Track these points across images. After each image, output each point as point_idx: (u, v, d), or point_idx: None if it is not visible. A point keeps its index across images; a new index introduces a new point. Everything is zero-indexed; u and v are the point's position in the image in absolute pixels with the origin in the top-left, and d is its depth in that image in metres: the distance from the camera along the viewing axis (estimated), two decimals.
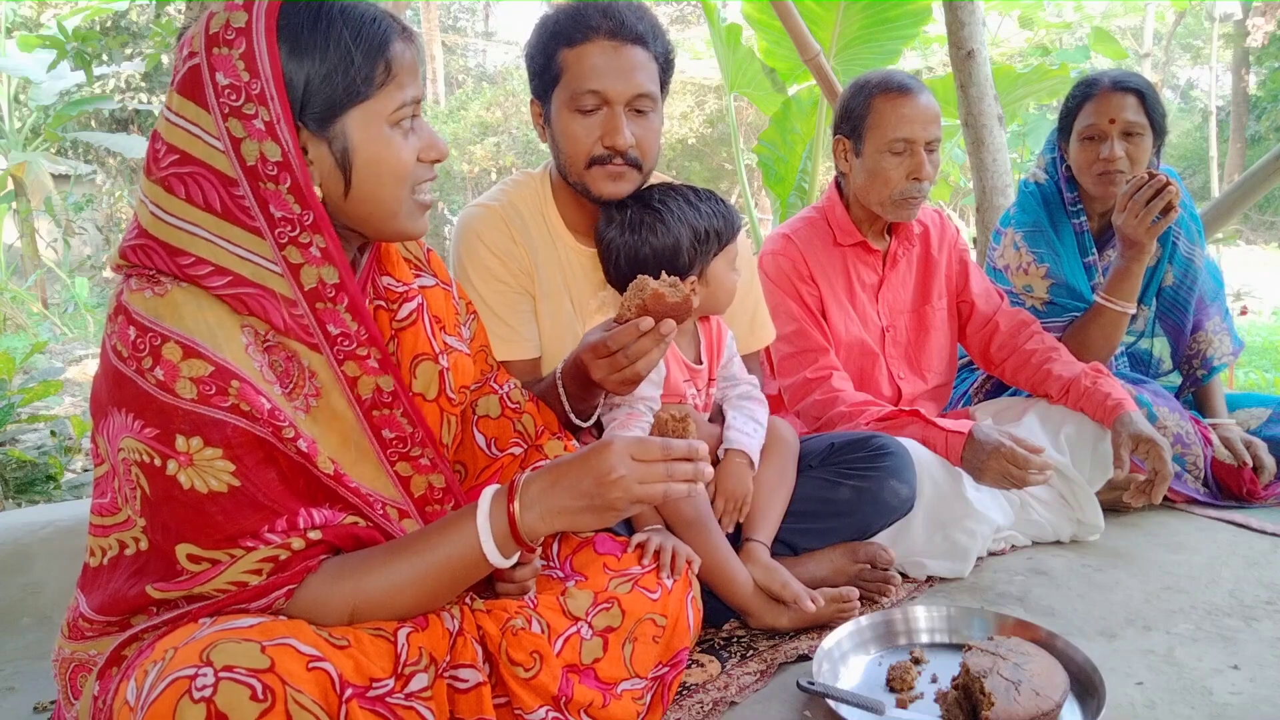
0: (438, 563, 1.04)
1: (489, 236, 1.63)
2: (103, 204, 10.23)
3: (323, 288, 1.03)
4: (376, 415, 1.10)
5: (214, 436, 0.95)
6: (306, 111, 1.00)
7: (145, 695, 0.85)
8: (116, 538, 1.01)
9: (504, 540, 1.04)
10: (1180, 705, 1.32)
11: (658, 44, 1.56)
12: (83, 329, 7.19)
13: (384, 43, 1.02)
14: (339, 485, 1.04)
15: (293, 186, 0.99)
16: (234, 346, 0.98)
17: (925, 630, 1.50)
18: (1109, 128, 2.10)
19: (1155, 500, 1.85)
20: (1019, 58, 9.83)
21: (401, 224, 1.09)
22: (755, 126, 11.41)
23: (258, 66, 0.97)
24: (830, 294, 2.05)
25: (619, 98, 1.50)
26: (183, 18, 2.09)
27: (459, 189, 14.14)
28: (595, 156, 1.53)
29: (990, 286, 2.23)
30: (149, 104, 10.37)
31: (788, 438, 1.71)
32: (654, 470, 1.05)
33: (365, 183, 1.04)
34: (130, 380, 0.95)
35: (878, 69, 2.41)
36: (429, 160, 1.09)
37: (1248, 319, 6.10)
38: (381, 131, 1.03)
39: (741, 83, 4.97)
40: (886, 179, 1.96)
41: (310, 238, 1.01)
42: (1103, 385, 1.96)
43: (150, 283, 0.98)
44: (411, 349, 1.19)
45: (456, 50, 19.10)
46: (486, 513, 1.04)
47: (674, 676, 1.29)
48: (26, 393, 3.04)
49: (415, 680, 1.01)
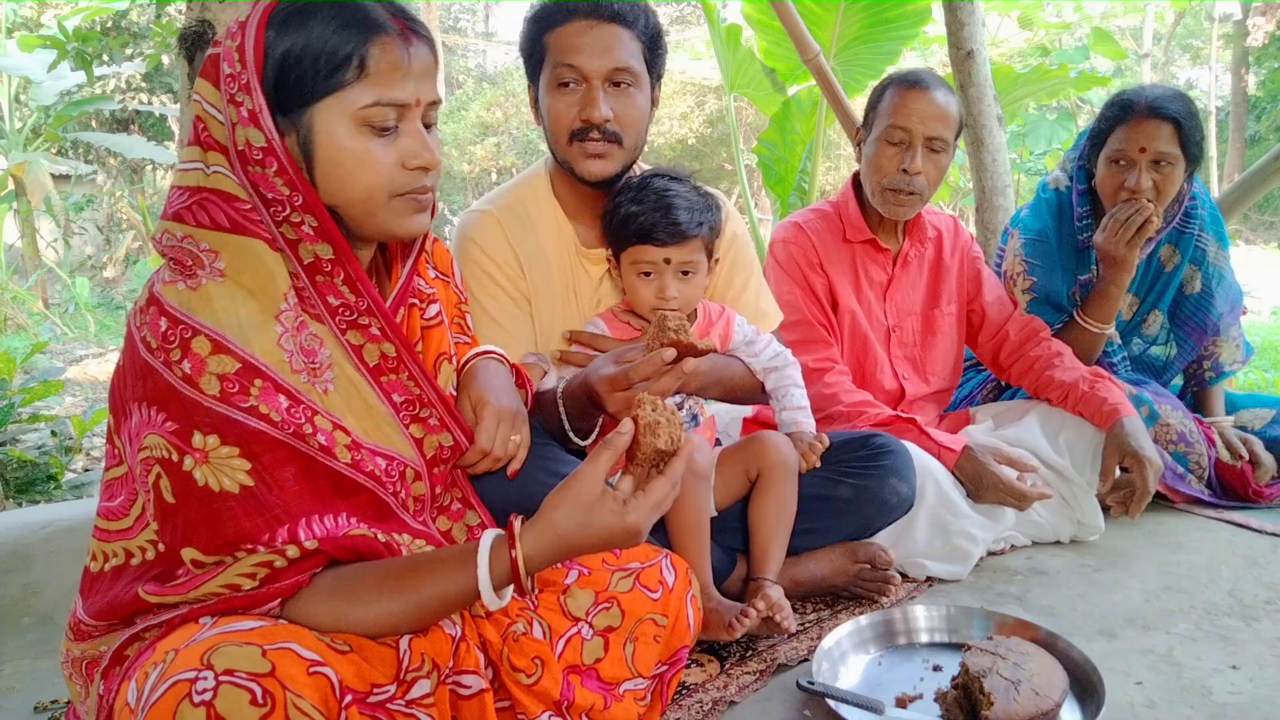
0: (432, 598, 1.01)
1: (483, 241, 1.64)
2: (103, 204, 10.23)
3: (319, 262, 1.04)
4: (384, 381, 1.11)
5: (231, 435, 0.96)
6: (281, 101, 1.00)
7: (146, 697, 0.85)
8: (122, 545, 1.01)
9: (502, 581, 1.02)
10: (1180, 705, 1.32)
11: (639, 23, 1.57)
12: (83, 329, 7.19)
13: (360, 39, 0.99)
14: (356, 473, 1.04)
15: (279, 170, 1.00)
16: (265, 340, 0.99)
17: (925, 630, 1.50)
18: (1139, 156, 2.01)
19: (1132, 516, 1.84)
20: (1018, 58, 9.83)
21: (382, 224, 1.07)
22: (755, 127, 11.41)
23: (246, 58, 1.00)
24: (839, 286, 2.05)
25: (596, 73, 1.53)
26: (183, 18, 2.10)
27: (459, 189, 14.14)
28: (574, 131, 1.56)
29: (1004, 295, 2.21)
30: (149, 104, 10.37)
31: (786, 459, 1.62)
32: (662, 493, 1.04)
33: (328, 179, 1.03)
34: (156, 372, 0.96)
35: (913, 69, 2.41)
36: (411, 168, 1.05)
37: (1248, 319, 6.11)
38: (345, 129, 1.01)
39: (741, 83, 4.97)
40: (879, 166, 1.97)
41: (302, 217, 1.02)
42: (1100, 390, 1.96)
43: (184, 275, 0.99)
44: (436, 347, 1.21)
45: (457, 51, 19.10)
46: (487, 553, 1.01)
47: (673, 675, 1.29)
48: (27, 393, 3.04)
49: (417, 687, 1.01)
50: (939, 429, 2.17)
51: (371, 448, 1.07)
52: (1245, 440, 2.17)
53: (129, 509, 1.01)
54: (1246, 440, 2.17)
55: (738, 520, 1.63)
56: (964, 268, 2.18)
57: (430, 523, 1.18)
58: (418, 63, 1.03)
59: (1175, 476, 2.11)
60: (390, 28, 1.01)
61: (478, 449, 1.20)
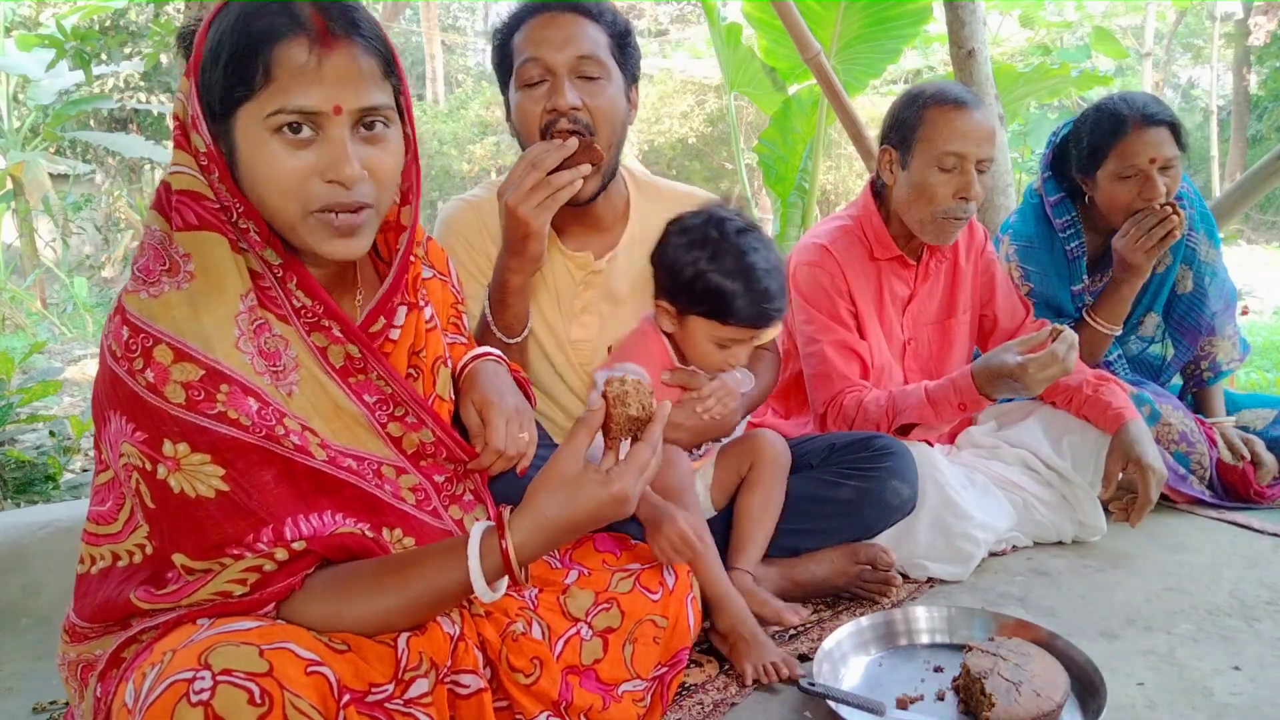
0: (425, 593, 1.01)
1: (460, 227, 1.65)
2: (101, 204, 10.21)
3: (273, 266, 1.03)
4: (353, 382, 1.09)
5: (201, 442, 0.95)
6: (212, 106, 0.98)
7: (143, 698, 0.84)
8: (110, 549, 1.01)
9: (495, 573, 1.01)
10: (1181, 706, 1.32)
11: (605, 17, 1.55)
12: (81, 329, 7.18)
13: (262, 42, 0.94)
14: (334, 469, 1.03)
15: (220, 177, 0.99)
16: (226, 344, 0.98)
17: (926, 631, 1.50)
18: (1150, 167, 1.98)
19: (1133, 524, 1.83)
20: (1020, 57, 9.83)
21: (304, 239, 1.01)
22: (755, 126, 11.40)
23: (191, 63, 0.99)
24: (864, 310, 1.97)
25: (561, 64, 1.50)
26: (181, 17, 2.09)
27: (458, 188, 14.14)
28: (544, 126, 1.52)
29: (1016, 302, 2.15)
30: (148, 103, 10.36)
31: (778, 456, 1.64)
32: (644, 458, 1.04)
33: (248, 187, 1.00)
34: (122, 381, 0.95)
35: (933, 80, 2.32)
36: (329, 180, 0.97)
37: (1249, 319, 6.10)
38: (259, 136, 0.96)
39: (742, 82, 4.97)
40: (932, 195, 1.85)
41: (247, 224, 1.01)
42: (1104, 394, 1.94)
43: (146, 284, 0.98)
44: (434, 352, 1.19)
45: (456, 49, 19.08)
46: (477, 545, 1.00)
47: (673, 676, 1.29)
48: (25, 392, 3.03)
49: (415, 686, 1.00)
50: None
51: (339, 449, 1.06)
52: (1247, 440, 2.16)
53: (117, 514, 1.01)
54: (1248, 440, 2.16)
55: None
56: (979, 272, 2.12)
57: (443, 511, 1.16)
58: (335, 67, 0.95)
59: (1177, 478, 2.10)
60: (305, 28, 0.95)
61: (491, 450, 1.17)
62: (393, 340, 1.14)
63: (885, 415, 1.86)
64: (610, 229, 1.71)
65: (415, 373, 1.17)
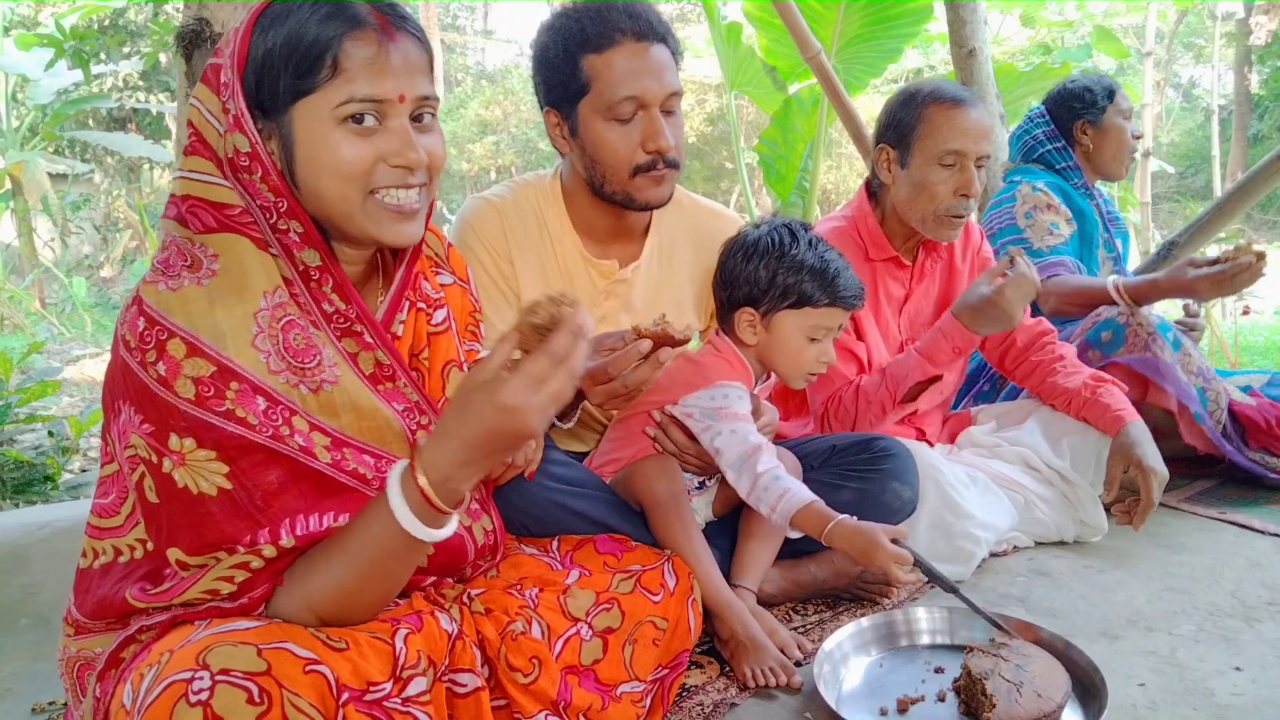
0: (367, 549, 0.98)
1: (481, 228, 1.63)
2: (100, 203, 10.22)
3: (309, 269, 1.03)
4: (382, 389, 1.09)
5: (207, 438, 0.95)
6: (263, 103, 1.00)
7: (142, 699, 0.84)
8: (111, 543, 1.01)
9: (422, 508, 0.96)
10: (1182, 706, 1.32)
11: (673, 40, 1.54)
12: (80, 329, 7.18)
13: (334, 36, 0.97)
14: (338, 472, 1.02)
15: (264, 176, 0.99)
16: (240, 341, 0.98)
17: (926, 631, 1.50)
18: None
19: (1137, 527, 1.81)
20: (1021, 56, 9.83)
21: (361, 226, 1.03)
22: (756, 125, 11.41)
23: (233, 63, 1.00)
24: (862, 312, 1.94)
25: (655, 100, 1.47)
26: (180, 16, 2.09)
27: (458, 188, 14.13)
28: (639, 165, 1.49)
29: None
30: (147, 102, 10.37)
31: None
32: (539, 366, 0.93)
33: (307, 178, 1.01)
34: (134, 373, 0.95)
35: (928, 79, 2.31)
36: (394, 165, 1.01)
37: (1249, 319, 6.09)
38: (323, 127, 0.99)
39: (742, 81, 4.96)
40: (933, 193, 1.86)
41: (288, 224, 1.01)
42: (1103, 396, 1.93)
43: (167, 276, 0.99)
44: (444, 355, 1.18)
45: (455, 48, 19.08)
46: (397, 484, 0.96)
47: (674, 678, 1.29)
48: (24, 393, 3.03)
49: (413, 684, 1.00)
50: (942, 431, 2.17)
51: (360, 445, 1.05)
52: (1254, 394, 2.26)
53: (120, 507, 1.01)
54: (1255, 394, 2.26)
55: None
56: (975, 271, 2.10)
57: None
58: (399, 58, 1.00)
59: (1196, 413, 2.09)
60: (368, 23, 0.99)
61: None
62: (397, 336, 1.14)
63: (885, 390, 1.86)
64: (636, 239, 1.70)
65: (418, 375, 1.16)
